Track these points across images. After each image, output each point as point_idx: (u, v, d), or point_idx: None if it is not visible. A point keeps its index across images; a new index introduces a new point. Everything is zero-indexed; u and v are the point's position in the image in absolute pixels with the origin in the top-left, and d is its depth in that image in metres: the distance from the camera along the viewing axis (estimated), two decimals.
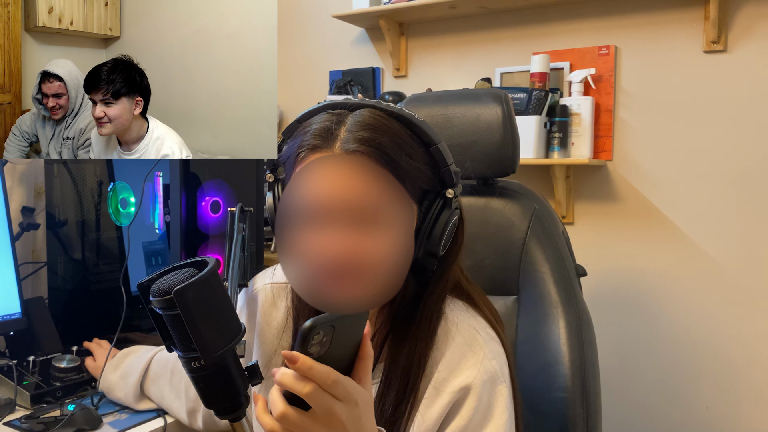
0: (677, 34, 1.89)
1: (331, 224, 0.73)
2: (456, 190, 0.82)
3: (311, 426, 0.60)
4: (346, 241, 0.73)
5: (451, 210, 0.81)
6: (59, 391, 1.15)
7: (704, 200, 1.86)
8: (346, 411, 0.61)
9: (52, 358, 1.21)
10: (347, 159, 0.76)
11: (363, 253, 0.73)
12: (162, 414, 1.10)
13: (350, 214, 0.73)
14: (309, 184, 0.74)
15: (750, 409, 1.81)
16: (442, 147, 0.81)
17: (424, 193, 0.81)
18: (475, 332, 0.83)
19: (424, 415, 0.79)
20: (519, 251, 1.12)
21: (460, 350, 0.81)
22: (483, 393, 0.79)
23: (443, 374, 0.80)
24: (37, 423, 1.03)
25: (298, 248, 0.74)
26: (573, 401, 1.03)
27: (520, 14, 2.13)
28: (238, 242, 1.06)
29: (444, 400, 0.79)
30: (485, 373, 0.79)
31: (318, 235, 0.74)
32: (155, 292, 0.63)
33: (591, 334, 1.10)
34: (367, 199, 0.74)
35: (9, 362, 1.17)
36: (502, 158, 1.13)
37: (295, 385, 0.59)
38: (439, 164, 0.81)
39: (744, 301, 1.82)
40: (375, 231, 0.74)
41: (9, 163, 1.49)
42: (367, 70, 2.41)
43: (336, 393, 0.60)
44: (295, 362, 0.58)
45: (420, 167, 0.79)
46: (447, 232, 0.80)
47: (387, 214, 0.74)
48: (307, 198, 0.74)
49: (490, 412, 0.79)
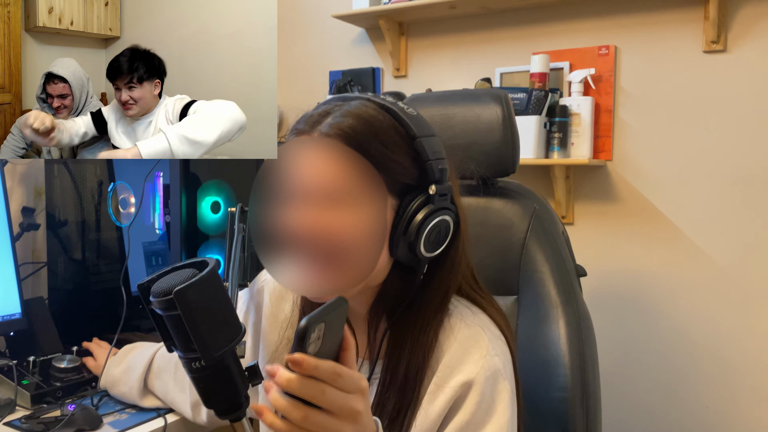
0: (677, 34, 1.89)
1: (302, 203, 0.76)
2: (441, 187, 0.80)
3: (333, 423, 0.60)
4: (315, 218, 0.75)
5: (435, 208, 0.79)
6: (59, 391, 1.15)
7: (704, 200, 1.86)
8: (361, 402, 0.61)
9: (52, 358, 1.21)
10: (321, 141, 0.78)
11: (331, 230, 0.75)
12: (162, 414, 1.10)
13: (318, 193, 0.75)
14: (281, 162, 0.76)
15: (749, 409, 1.81)
16: (428, 141, 0.80)
17: (408, 189, 0.79)
18: (479, 329, 0.82)
19: (427, 411, 0.79)
20: (519, 251, 1.12)
21: (462, 347, 0.80)
22: (485, 389, 0.78)
23: (446, 370, 0.79)
24: (37, 423, 1.03)
25: (272, 228, 0.76)
26: (573, 401, 1.03)
27: (520, 14, 2.13)
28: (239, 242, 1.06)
29: (446, 396, 0.78)
30: (488, 369, 0.79)
31: (289, 212, 0.76)
32: (155, 292, 0.63)
33: (591, 334, 1.11)
34: (333, 179, 0.75)
35: (9, 362, 1.17)
36: (501, 158, 1.13)
37: (305, 388, 0.58)
38: (422, 158, 0.80)
39: (743, 300, 1.82)
40: (343, 211, 0.75)
41: (9, 163, 1.49)
42: (367, 70, 2.41)
43: (345, 387, 0.60)
44: (301, 364, 0.57)
45: (399, 160, 0.79)
46: (427, 229, 0.78)
47: (355, 195, 0.75)
48: (278, 177, 0.77)
49: (492, 408, 0.79)
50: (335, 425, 0.60)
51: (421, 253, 0.79)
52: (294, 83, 2.63)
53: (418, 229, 0.78)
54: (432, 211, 0.79)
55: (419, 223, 0.78)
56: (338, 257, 0.75)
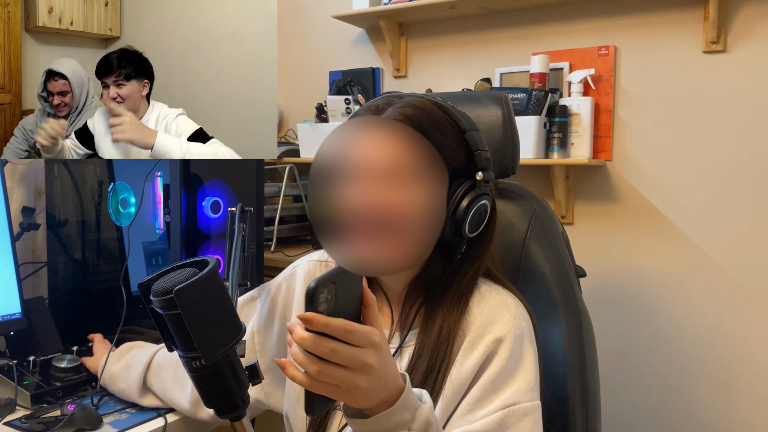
0: (677, 34, 1.89)
1: (366, 178, 0.80)
2: (486, 175, 0.88)
3: (347, 376, 0.63)
4: (380, 194, 0.79)
5: (479, 192, 0.87)
6: (59, 391, 1.15)
7: (703, 200, 1.87)
8: (373, 356, 0.64)
9: (52, 358, 1.21)
10: (388, 122, 0.84)
11: (395, 207, 0.79)
12: (162, 414, 1.10)
13: (384, 170, 0.80)
14: (347, 138, 0.79)
15: (749, 408, 1.81)
16: (477, 134, 0.88)
17: (456, 174, 0.87)
18: (508, 297, 0.90)
19: (462, 365, 0.84)
20: (519, 252, 1.12)
21: (492, 311, 0.87)
22: (515, 345, 0.85)
23: (479, 330, 0.86)
24: (37, 423, 1.03)
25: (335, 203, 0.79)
26: (572, 401, 1.03)
27: (519, 14, 2.13)
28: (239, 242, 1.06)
29: (480, 351, 0.84)
30: (517, 329, 0.86)
31: (354, 188, 0.80)
32: (156, 291, 0.64)
33: (590, 334, 1.11)
34: (401, 158, 0.80)
35: (9, 362, 1.17)
36: (502, 160, 1.13)
37: (317, 346, 0.61)
38: (471, 149, 0.87)
39: (743, 300, 1.82)
40: (406, 187, 0.80)
41: (9, 163, 1.49)
42: (367, 71, 2.41)
43: (356, 341, 0.63)
44: (311, 322, 0.60)
45: (452, 146, 0.86)
46: (473, 211, 0.86)
47: (418, 173, 0.81)
48: (345, 152, 0.80)
49: (520, 362, 0.85)
50: (349, 377, 0.63)
51: (465, 233, 0.86)
52: (294, 83, 2.63)
53: (465, 210, 0.85)
54: (477, 195, 0.87)
55: (467, 205, 0.86)
56: (400, 234, 0.80)
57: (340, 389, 0.63)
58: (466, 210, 0.85)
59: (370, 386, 0.65)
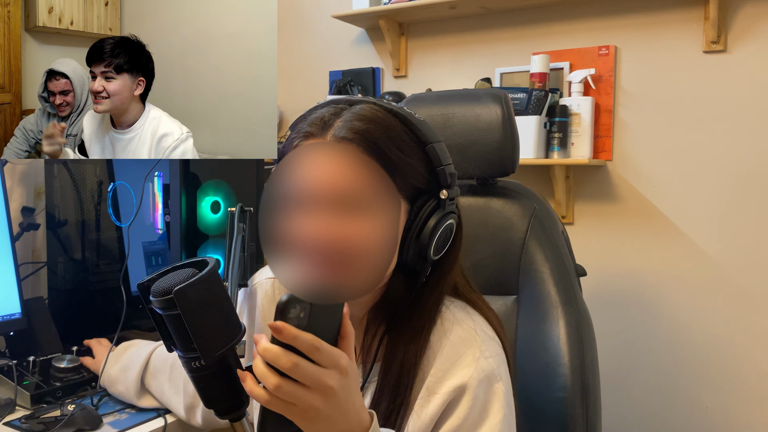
0: (677, 34, 1.89)
1: (316, 209, 0.73)
2: (451, 192, 0.81)
3: (305, 396, 0.60)
4: (331, 226, 0.72)
5: (445, 212, 0.80)
6: (59, 391, 1.15)
7: (704, 200, 1.87)
8: (336, 378, 0.61)
9: (52, 358, 1.21)
10: (336, 146, 0.77)
11: (347, 238, 0.72)
12: (162, 414, 1.10)
13: (335, 200, 0.73)
14: (295, 168, 0.72)
15: (749, 409, 1.81)
16: (439, 147, 0.81)
17: (418, 192, 0.80)
18: (472, 331, 0.82)
19: (420, 414, 0.78)
20: (519, 251, 1.12)
21: (455, 349, 0.80)
22: (479, 392, 0.78)
23: (438, 374, 0.79)
24: (37, 423, 1.03)
25: (283, 234, 0.72)
26: (573, 401, 1.03)
27: (520, 14, 2.13)
28: (238, 242, 1.06)
29: (438, 400, 0.78)
30: (481, 371, 0.79)
31: (303, 219, 0.73)
32: (155, 292, 0.64)
33: (591, 333, 1.11)
34: (351, 185, 0.72)
35: (9, 362, 1.17)
36: (501, 158, 1.13)
37: (279, 359, 0.59)
38: (434, 164, 0.80)
39: (743, 300, 1.82)
40: (359, 218, 0.72)
41: (9, 163, 1.49)
42: (367, 71, 2.41)
43: (322, 361, 0.60)
44: (281, 332, 0.59)
45: (412, 163, 0.79)
46: (438, 234, 0.79)
47: (371, 202, 0.73)
48: (293, 182, 0.72)
49: (486, 410, 0.79)
50: (306, 398, 0.60)
51: (429, 256, 0.80)
52: (294, 83, 2.63)
53: (431, 234, 0.79)
54: (443, 216, 0.80)
55: (432, 227, 0.79)
56: (351, 264, 0.73)
57: (296, 408, 0.61)
58: (431, 233, 0.78)
59: (328, 411, 0.61)
